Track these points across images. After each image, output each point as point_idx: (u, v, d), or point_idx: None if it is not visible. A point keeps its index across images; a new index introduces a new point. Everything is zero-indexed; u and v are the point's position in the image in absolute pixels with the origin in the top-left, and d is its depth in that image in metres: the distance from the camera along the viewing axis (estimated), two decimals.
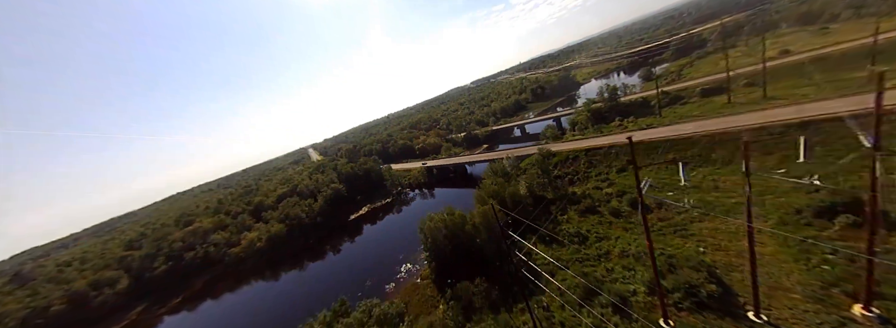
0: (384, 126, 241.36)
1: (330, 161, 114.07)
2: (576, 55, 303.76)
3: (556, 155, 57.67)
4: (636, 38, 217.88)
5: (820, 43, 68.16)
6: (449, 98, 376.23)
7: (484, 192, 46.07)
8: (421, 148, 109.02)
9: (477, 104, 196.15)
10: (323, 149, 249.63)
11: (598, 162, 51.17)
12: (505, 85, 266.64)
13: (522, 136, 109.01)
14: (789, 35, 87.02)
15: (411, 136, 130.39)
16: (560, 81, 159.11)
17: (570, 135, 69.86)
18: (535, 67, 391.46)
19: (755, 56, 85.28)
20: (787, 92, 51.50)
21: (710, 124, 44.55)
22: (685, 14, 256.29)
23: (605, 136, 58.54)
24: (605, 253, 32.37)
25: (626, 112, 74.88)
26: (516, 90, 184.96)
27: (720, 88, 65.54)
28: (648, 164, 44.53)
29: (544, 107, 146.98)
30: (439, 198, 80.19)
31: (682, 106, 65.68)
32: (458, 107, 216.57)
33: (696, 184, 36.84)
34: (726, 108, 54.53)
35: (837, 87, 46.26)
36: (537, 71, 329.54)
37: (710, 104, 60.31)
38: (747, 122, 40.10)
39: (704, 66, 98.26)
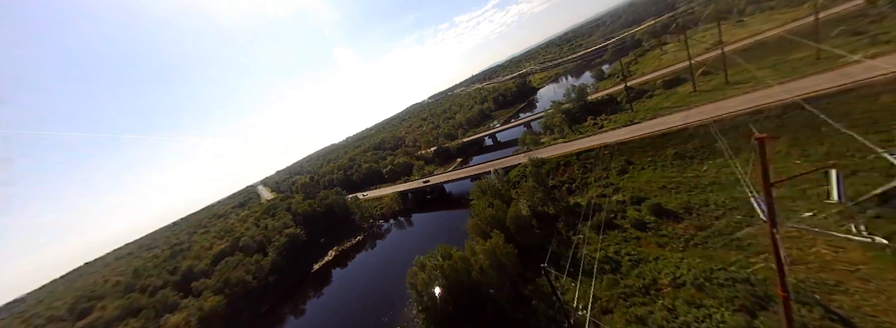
0: (344, 150, 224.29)
1: (282, 200, 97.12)
2: (525, 63, 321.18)
3: (547, 162, 52.00)
4: (577, 44, 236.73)
5: (746, 32, 74.48)
6: (409, 114, 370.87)
7: (480, 220, 37.69)
8: (390, 170, 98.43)
9: (441, 117, 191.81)
10: (275, 184, 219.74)
11: (592, 165, 46.16)
12: (464, 97, 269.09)
13: (495, 144, 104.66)
14: (713, 29, 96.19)
15: (377, 158, 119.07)
16: (518, 88, 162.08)
17: (549, 138, 65.61)
18: (488, 78, 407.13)
19: (694, 47, 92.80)
20: (746, 76, 52.62)
21: (694, 114, 42.13)
22: (609, 22, 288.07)
23: (590, 136, 54.68)
24: (652, 283, 25.39)
25: (596, 110, 73.91)
26: (477, 100, 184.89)
27: (677, 79, 67.25)
28: (651, 162, 40.26)
29: (508, 113, 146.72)
30: (419, 225, 69.86)
31: (649, 99, 65.66)
32: (422, 122, 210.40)
33: (715, 180, 32.57)
34: (694, 96, 54.40)
35: (788, 68, 47.89)
36: (491, 81, 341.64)
37: (676, 94, 60.45)
38: (735, 108, 37.91)
39: (648, 62, 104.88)
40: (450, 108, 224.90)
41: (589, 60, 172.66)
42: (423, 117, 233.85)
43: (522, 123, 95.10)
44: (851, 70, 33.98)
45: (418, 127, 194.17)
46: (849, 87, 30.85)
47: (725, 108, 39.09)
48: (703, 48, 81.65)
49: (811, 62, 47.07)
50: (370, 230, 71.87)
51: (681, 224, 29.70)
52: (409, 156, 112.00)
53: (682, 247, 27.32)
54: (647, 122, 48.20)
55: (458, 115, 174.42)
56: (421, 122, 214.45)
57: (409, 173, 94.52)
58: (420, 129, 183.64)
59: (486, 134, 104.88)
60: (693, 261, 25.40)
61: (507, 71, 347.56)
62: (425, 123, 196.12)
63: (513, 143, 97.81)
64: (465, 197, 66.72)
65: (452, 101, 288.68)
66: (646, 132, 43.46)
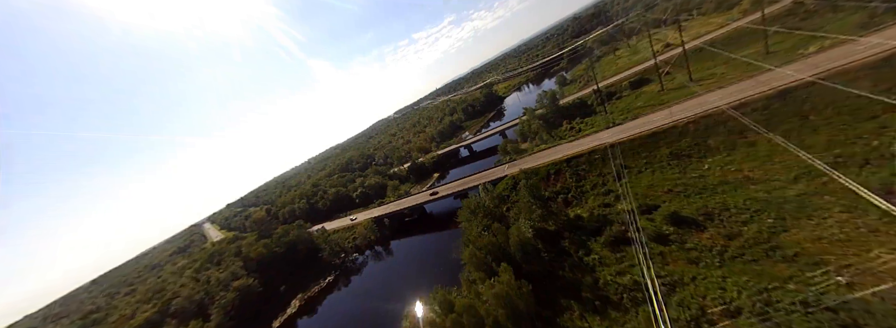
0: (306, 174, 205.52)
1: (231, 242, 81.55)
2: (487, 74, 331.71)
3: (537, 172, 47.92)
4: (533, 54, 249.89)
5: (688, 36, 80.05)
6: (376, 131, 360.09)
7: (477, 248, 31.42)
8: (361, 194, 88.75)
9: (411, 132, 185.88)
10: (225, 220, 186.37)
11: (585, 172, 42.83)
12: (432, 109, 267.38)
13: (471, 155, 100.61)
14: (656, 34, 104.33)
15: (345, 181, 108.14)
16: (486, 98, 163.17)
17: (530, 146, 62.43)
18: (453, 90, 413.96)
19: (642, 53, 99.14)
20: (706, 73, 54.53)
21: (679, 111, 41.03)
22: (556, 34, 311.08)
23: (574, 140, 52.06)
24: (699, 314, 20.79)
25: (570, 114, 73.45)
26: (446, 112, 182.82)
27: (641, 80, 69.11)
28: (647, 164, 37.64)
29: (480, 123, 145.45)
30: (401, 254, 61.42)
31: (618, 100, 66.19)
32: (391, 138, 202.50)
33: (723, 179, 30.12)
34: (664, 95, 55.10)
35: (743, 64, 50.19)
36: (457, 93, 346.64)
37: (644, 94, 61.29)
38: (719, 102, 37.07)
39: (604, 67, 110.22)
40: (419, 122, 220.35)
41: (547, 68, 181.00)
42: (392, 133, 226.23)
43: (497, 132, 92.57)
44: (816, 60, 34.69)
45: (388, 142, 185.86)
46: (822, 75, 30.72)
47: (709, 103, 38.22)
48: (656, 50, 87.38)
49: (761, 57, 49.83)
50: (343, 267, 61.52)
51: (705, 233, 26.15)
52: (380, 175, 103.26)
53: (718, 262, 23.45)
54: (629, 122, 46.69)
55: (429, 128, 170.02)
56: (390, 137, 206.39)
57: (383, 195, 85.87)
58: (390, 144, 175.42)
59: (461, 145, 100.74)
60: (738, 279, 21.43)
61: (471, 82, 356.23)
62: (394, 139, 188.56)
63: (490, 153, 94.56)
64: (450, 216, 60.25)
65: (421, 114, 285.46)
66: (633, 133, 41.36)
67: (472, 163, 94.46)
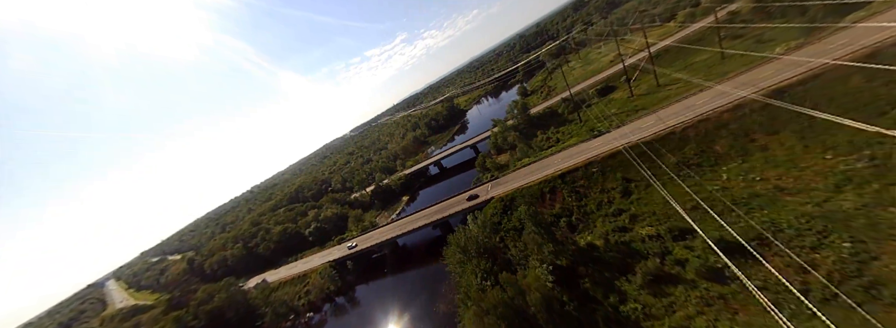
0: (247, 207, 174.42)
1: (126, 319, 58.66)
2: (445, 89, 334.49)
3: (526, 194, 41.09)
4: (489, 68, 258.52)
5: (633, 48, 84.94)
6: (332, 150, 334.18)
7: (483, 308, 22.27)
8: (316, 229, 73.25)
9: (371, 150, 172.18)
10: (134, 275, 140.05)
11: (584, 188, 37.13)
12: (392, 125, 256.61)
13: (442, 172, 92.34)
14: (604, 46, 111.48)
15: (295, 215, 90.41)
16: (448, 111, 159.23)
17: (512, 160, 56.31)
18: (412, 105, 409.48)
19: (593, 64, 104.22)
20: (669, 78, 55.16)
21: (669, 115, 38.25)
22: (505, 51, 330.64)
23: (560, 152, 46.97)
24: None
25: (543, 124, 70.51)
26: (408, 127, 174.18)
27: (607, 87, 69.30)
28: (658, 175, 33.00)
29: (445, 137, 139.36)
30: (367, 305, 48.86)
31: (588, 108, 64.73)
32: (349, 157, 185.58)
33: (751, 191, 26.04)
34: (637, 100, 54.19)
35: (704, 68, 51.55)
36: (417, 107, 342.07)
37: (615, 101, 60.38)
38: (710, 106, 34.73)
39: (558, 78, 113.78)
40: (379, 139, 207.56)
41: (504, 81, 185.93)
42: (350, 151, 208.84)
43: (468, 145, 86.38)
44: (794, 59, 34.31)
45: (345, 164, 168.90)
46: (815, 72, 29.45)
47: (698, 107, 35.75)
48: (606, 61, 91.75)
49: (717, 62, 51.72)
50: None
51: (769, 265, 20.61)
52: (339, 204, 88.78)
53: (807, 309, 17.60)
54: (617, 130, 43.03)
55: (391, 145, 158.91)
56: (348, 157, 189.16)
57: (343, 228, 72.01)
58: (348, 165, 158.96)
59: (430, 162, 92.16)
60: None
61: (429, 97, 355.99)
62: (353, 158, 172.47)
63: (465, 168, 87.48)
64: (430, 248, 50.17)
65: (380, 130, 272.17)
66: (627, 142, 37.14)
67: (444, 180, 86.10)
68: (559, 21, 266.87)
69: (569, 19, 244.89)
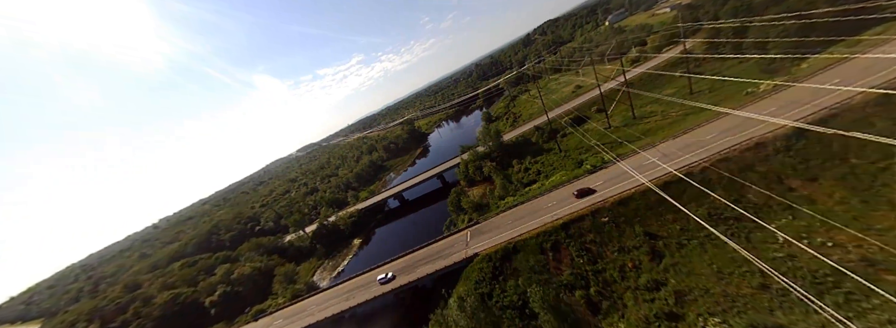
0: (138, 253, 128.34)
1: None
2: (404, 111, 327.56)
3: (521, 247, 31.36)
4: (449, 93, 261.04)
5: (592, 81, 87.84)
6: (271, 175, 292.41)
7: None
8: (223, 295, 51.47)
9: (318, 176, 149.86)
10: None
11: (597, 244, 28.85)
12: (346, 147, 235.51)
13: (403, 206, 79.00)
14: (561, 78, 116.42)
15: (195, 274, 64.96)
16: (409, 134, 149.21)
17: (490, 197, 46.86)
18: (368, 126, 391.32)
19: (555, 93, 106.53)
20: (643, 110, 54.03)
21: (675, 152, 33.42)
22: (463, 78, 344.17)
23: (551, 190, 39.11)
24: None
25: (517, 153, 64.41)
26: (364, 150, 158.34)
27: (579, 118, 66.99)
28: (684, 232, 26.24)
29: (406, 162, 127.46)
30: None
31: (564, 138, 60.79)
32: (289, 185, 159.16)
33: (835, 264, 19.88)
34: (617, 131, 51.02)
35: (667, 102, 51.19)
36: (374, 129, 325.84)
37: (593, 132, 56.91)
38: (721, 142, 30.68)
39: (522, 104, 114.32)
40: (329, 162, 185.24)
41: (465, 106, 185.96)
42: (292, 178, 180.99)
43: (434, 175, 75.88)
44: (788, 97, 32.59)
45: (284, 193, 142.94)
46: (838, 108, 26.75)
47: (708, 144, 31.37)
48: (568, 91, 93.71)
49: (685, 95, 52.03)
50: None
51: None
52: (266, 252, 68.16)
53: None
54: (613, 166, 37.11)
55: (343, 170, 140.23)
56: (288, 184, 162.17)
57: (266, 293, 52.46)
58: (287, 195, 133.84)
59: (388, 194, 78.44)
60: None
61: (387, 119, 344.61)
62: (295, 187, 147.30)
63: (429, 201, 75.53)
64: (393, 313, 36.03)
65: (331, 152, 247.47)
66: (637, 185, 30.70)
67: (406, 217, 72.78)
68: (511, 54, 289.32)
69: (520, 53, 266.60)
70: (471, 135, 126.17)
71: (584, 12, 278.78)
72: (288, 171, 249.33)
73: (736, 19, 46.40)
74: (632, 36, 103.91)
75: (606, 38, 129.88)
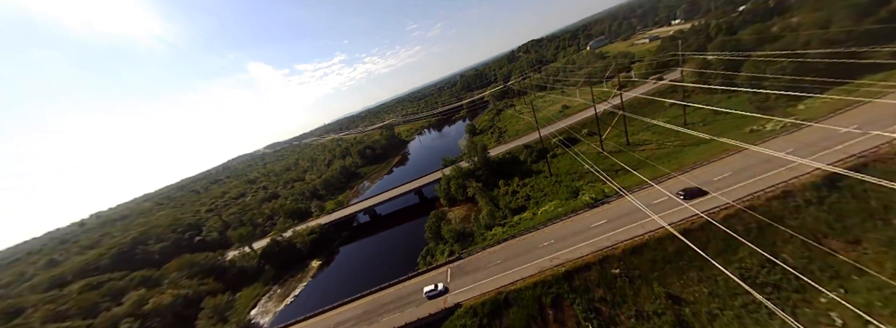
0: (46, 260, 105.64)
1: None
2: (385, 114, 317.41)
3: (513, 304, 25.53)
4: (432, 101, 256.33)
5: (581, 101, 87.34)
6: (230, 172, 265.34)
7: None
8: None
9: (282, 179, 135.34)
10: None
11: (607, 302, 23.83)
12: (317, 148, 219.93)
13: (373, 222, 70.53)
14: (546, 96, 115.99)
15: (97, 302, 49.83)
16: (388, 140, 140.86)
17: (479, 229, 40.79)
18: (346, 128, 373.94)
19: (543, 111, 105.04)
20: (637, 138, 51.99)
21: (682, 188, 29.82)
22: (448, 86, 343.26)
23: (547, 224, 34.03)
24: None
25: (504, 171, 59.64)
26: (337, 153, 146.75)
27: (571, 139, 64.17)
28: (713, 297, 22.00)
29: (383, 170, 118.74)
30: None
31: (554, 158, 57.25)
32: (247, 187, 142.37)
33: None
34: (610, 158, 48.13)
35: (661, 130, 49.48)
36: (351, 131, 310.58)
37: (587, 155, 53.80)
38: (747, 186, 27.65)
39: (507, 119, 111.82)
40: (297, 164, 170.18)
41: (448, 116, 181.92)
42: (252, 179, 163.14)
43: (411, 190, 68.76)
44: (806, 138, 30.65)
45: (238, 197, 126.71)
46: (867, 157, 24.49)
47: (724, 185, 28.14)
48: (555, 110, 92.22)
49: (679, 126, 50.77)
50: None
51: None
52: (198, 273, 55.93)
53: None
54: (617, 200, 32.99)
55: (311, 174, 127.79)
56: (245, 186, 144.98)
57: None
58: (241, 200, 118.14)
59: (357, 209, 69.63)
60: None
61: (366, 121, 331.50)
62: (253, 190, 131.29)
63: (403, 218, 67.26)
64: None
65: (301, 153, 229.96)
66: (651, 230, 26.48)
67: (377, 234, 64.50)
68: (496, 68, 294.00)
69: (505, 68, 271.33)
70: (453, 145, 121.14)
71: (567, 35, 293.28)
72: (250, 170, 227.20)
73: (735, 53, 46.17)
74: (616, 62, 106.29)
75: (588, 62, 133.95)
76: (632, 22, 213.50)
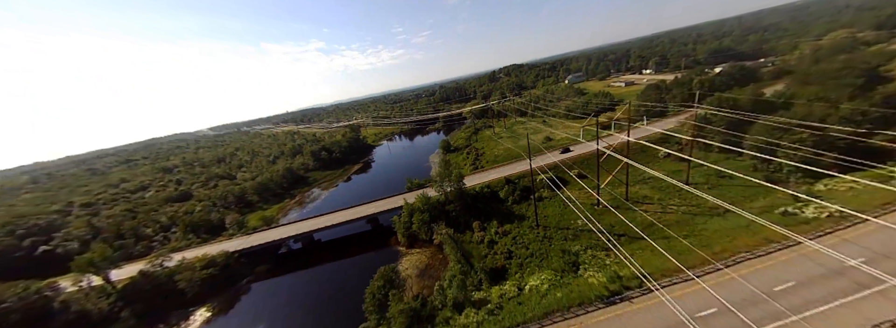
0: None
1: None
2: (354, 113, 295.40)
3: None
4: (407, 107, 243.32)
5: (565, 136, 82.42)
6: (151, 152, 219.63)
7: None
8: None
9: (206, 174, 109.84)
10: None
11: None
12: (266, 139, 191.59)
13: (309, 251, 54.77)
14: (527, 123, 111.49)
15: None
16: (350, 143, 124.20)
17: (439, 298, 29.22)
18: (307, 120, 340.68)
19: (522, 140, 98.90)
20: (634, 192, 45.96)
21: (736, 295, 22.32)
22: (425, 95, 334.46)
23: (546, 316, 24.01)
24: None
25: (480, 209, 49.59)
26: (289, 150, 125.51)
27: (558, 178, 56.92)
28: None
29: (339, 177, 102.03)
30: None
31: (541, 202, 48.75)
32: (156, 178, 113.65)
33: None
34: (607, 215, 40.80)
35: (664, 186, 44.24)
36: (312, 125, 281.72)
37: (580, 205, 46.36)
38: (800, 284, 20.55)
39: (485, 140, 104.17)
40: (234, 156, 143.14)
41: (423, 126, 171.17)
42: (169, 166, 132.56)
43: (365, 217, 55.06)
44: None
45: (139, 189, 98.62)
46: None
47: (799, 305, 20.78)
48: (538, 140, 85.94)
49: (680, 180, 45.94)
50: None
51: None
52: None
53: None
54: (640, 296, 24.40)
55: (246, 172, 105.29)
56: (157, 175, 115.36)
57: None
58: (138, 196, 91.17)
59: (289, 235, 53.33)
60: None
61: (333, 117, 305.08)
62: (162, 182, 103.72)
63: (347, 250, 49.36)
64: None
65: (245, 142, 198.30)
66: None
67: (309, 269, 49.05)
68: (477, 85, 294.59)
69: (486, 86, 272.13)
70: (424, 159, 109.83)
71: (547, 66, 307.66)
72: (173, 153, 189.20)
73: (746, 113, 42.97)
74: (596, 100, 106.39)
75: (567, 95, 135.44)
76: (607, 64, 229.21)
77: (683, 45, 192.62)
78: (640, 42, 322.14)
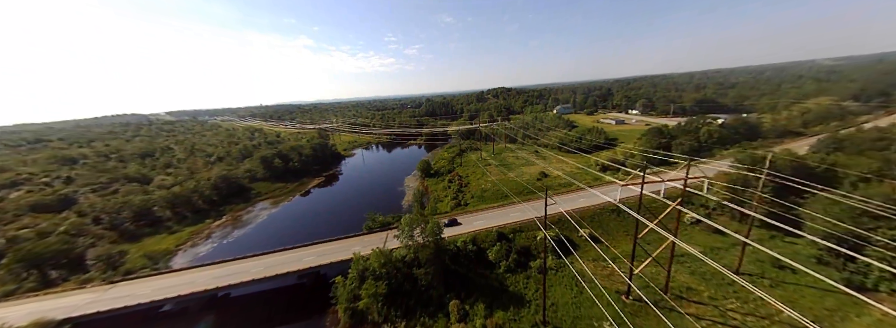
0: None
1: None
2: (330, 114, 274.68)
3: None
4: (389, 116, 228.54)
5: (560, 174, 72.69)
6: (76, 136, 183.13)
7: None
8: None
9: (112, 172, 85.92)
10: None
11: None
12: (221, 134, 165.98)
13: (202, 309, 36.97)
14: (518, 151, 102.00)
15: None
16: (316, 150, 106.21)
17: None
18: (278, 117, 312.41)
19: (515, 170, 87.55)
20: (677, 281, 34.87)
21: None
22: (411, 106, 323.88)
23: None
24: None
25: (462, 277, 35.64)
26: (239, 151, 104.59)
27: (567, 239, 44.82)
28: None
29: (294, 190, 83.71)
30: None
31: (544, 273, 36.24)
32: (42, 171, 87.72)
33: None
34: (647, 315, 29.09)
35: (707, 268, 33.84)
36: (281, 123, 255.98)
37: (599, 280, 34.21)
38: None
39: (469, 165, 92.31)
40: (166, 151, 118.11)
41: (403, 139, 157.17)
42: (74, 156, 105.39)
43: (303, 272, 38.82)
44: None
45: (10, 186, 73.13)
46: None
47: None
48: (533, 174, 74.62)
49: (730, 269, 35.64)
50: None
51: None
52: None
53: None
54: None
55: (168, 175, 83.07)
56: (46, 167, 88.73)
57: None
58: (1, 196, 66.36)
59: (191, 293, 35.34)
60: None
61: (307, 117, 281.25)
62: (42, 178, 78.47)
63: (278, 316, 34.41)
64: None
65: (195, 135, 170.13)
66: None
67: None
68: (464, 103, 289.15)
69: (473, 105, 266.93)
70: (400, 176, 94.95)
71: (535, 93, 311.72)
72: (100, 139, 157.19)
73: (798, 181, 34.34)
74: (590, 136, 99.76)
75: (556, 125, 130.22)
76: (594, 99, 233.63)
77: (666, 91, 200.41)
78: (619, 83, 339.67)
